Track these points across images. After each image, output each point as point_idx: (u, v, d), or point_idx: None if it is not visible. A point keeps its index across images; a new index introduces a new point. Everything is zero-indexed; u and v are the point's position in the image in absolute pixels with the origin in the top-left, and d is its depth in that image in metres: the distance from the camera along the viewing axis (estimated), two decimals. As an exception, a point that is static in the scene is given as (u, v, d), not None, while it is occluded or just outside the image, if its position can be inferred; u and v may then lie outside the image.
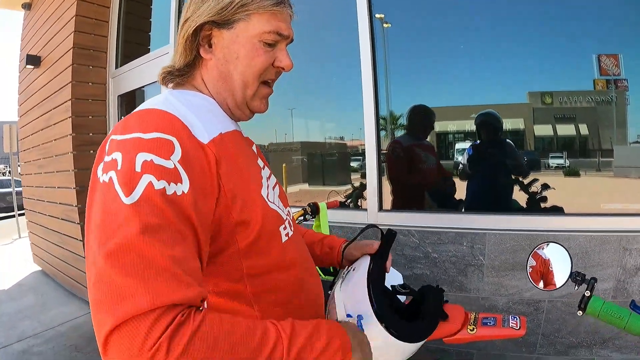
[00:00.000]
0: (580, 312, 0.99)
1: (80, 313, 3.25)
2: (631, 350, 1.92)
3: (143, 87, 3.17)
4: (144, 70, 3.08)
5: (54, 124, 3.43)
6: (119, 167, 0.58)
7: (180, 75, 0.78)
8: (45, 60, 3.66)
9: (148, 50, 3.25)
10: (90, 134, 3.29)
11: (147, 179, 0.57)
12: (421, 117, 2.39)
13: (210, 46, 0.76)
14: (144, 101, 0.73)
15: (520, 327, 1.27)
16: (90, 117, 3.31)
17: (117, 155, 0.59)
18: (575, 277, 1.01)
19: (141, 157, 0.59)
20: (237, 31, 0.73)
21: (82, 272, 3.34)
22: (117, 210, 0.55)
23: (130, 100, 3.37)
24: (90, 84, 3.32)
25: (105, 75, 3.40)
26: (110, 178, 0.57)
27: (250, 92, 0.78)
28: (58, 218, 3.56)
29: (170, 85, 0.79)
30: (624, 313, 0.95)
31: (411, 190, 2.44)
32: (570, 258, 1.02)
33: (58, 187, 3.45)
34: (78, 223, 3.23)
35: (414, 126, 2.41)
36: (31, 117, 3.97)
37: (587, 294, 0.98)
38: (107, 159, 0.59)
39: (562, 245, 1.04)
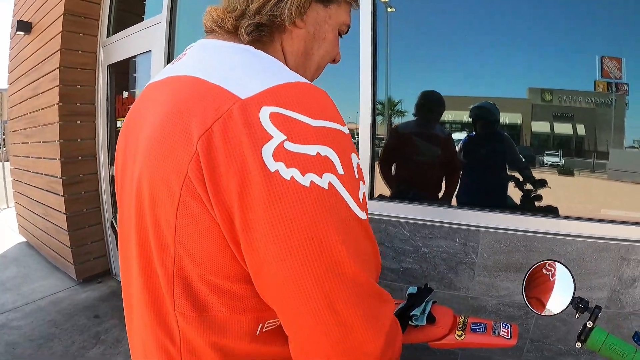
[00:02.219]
0: (579, 344, 0.89)
1: (61, 287, 3.21)
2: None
3: (135, 56, 3.05)
4: (136, 39, 2.96)
5: (41, 93, 3.33)
6: (340, 171, 0.47)
7: (259, 31, 0.62)
8: (35, 27, 3.53)
9: (141, 19, 3.11)
10: (78, 104, 3.18)
11: (362, 189, 0.51)
12: (423, 104, 2.30)
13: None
14: (135, 71, 0.70)
15: (511, 336, 1.20)
16: (79, 86, 3.19)
17: (327, 152, 0.47)
18: (578, 303, 0.91)
19: (355, 160, 0.51)
20: (330, 12, 0.68)
21: (64, 245, 3.28)
22: (357, 227, 0.49)
23: (120, 69, 3.24)
24: (80, 52, 3.20)
25: (96, 44, 3.27)
26: (331, 185, 0.46)
27: (317, 76, 0.73)
28: (43, 189, 3.48)
29: (245, 38, 0.61)
30: (628, 350, 0.85)
31: (401, 180, 2.38)
32: (574, 281, 0.93)
33: (44, 158, 3.36)
34: (62, 195, 3.15)
35: (418, 113, 2.32)
36: (19, 85, 3.86)
37: (590, 324, 0.88)
38: (300, 149, 0.45)
39: (566, 266, 0.95)
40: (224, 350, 0.56)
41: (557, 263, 0.96)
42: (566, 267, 0.93)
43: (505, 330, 1.24)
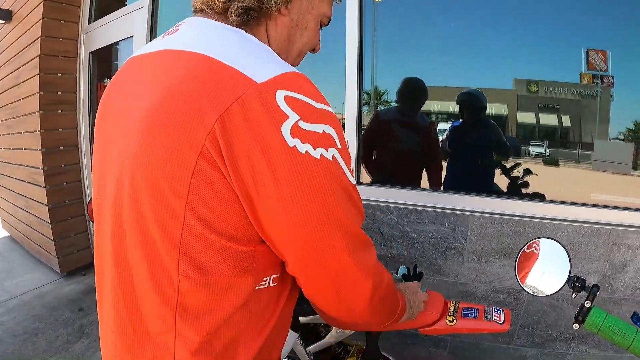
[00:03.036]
0: (577, 325, 0.85)
1: (45, 281, 3.16)
2: (610, 348, 1.89)
3: (117, 43, 2.98)
4: (118, 25, 2.89)
5: (22, 82, 3.24)
6: (339, 146, 0.57)
7: (247, 14, 0.67)
8: (16, 14, 3.43)
9: (123, 4, 3.04)
10: (59, 93, 3.10)
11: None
12: (407, 92, 2.30)
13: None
14: (117, 58, 0.71)
15: (504, 321, 1.18)
16: (60, 74, 3.11)
17: (330, 130, 0.56)
18: (574, 282, 0.87)
19: (343, 137, 0.60)
20: (313, 3, 0.73)
21: (47, 237, 3.21)
22: (352, 191, 0.60)
23: (102, 57, 3.17)
24: (61, 39, 3.11)
25: (77, 31, 3.19)
26: (335, 157, 0.56)
27: (297, 63, 0.78)
28: (24, 181, 3.41)
29: (234, 20, 0.66)
30: (629, 331, 0.81)
31: (385, 166, 2.38)
32: (570, 259, 0.90)
33: (25, 149, 3.28)
34: (43, 187, 3.07)
35: (400, 100, 2.32)
36: (1, 75, 3.75)
37: (588, 304, 0.84)
38: (311, 127, 0.54)
39: (559, 243, 0.91)
40: (218, 310, 0.62)
41: (551, 240, 0.92)
42: (561, 244, 0.90)
43: (498, 315, 1.21)
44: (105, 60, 3.18)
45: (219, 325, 0.62)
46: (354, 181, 0.61)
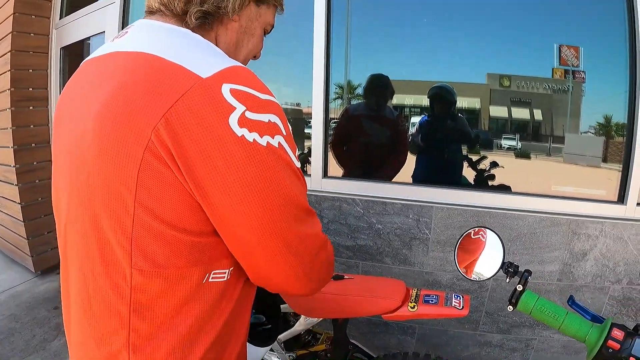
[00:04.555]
0: (511, 307, 0.91)
1: (20, 281, 3.10)
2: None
3: (88, 38, 2.94)
4: (90, 20, 2.85)
5: (-7, 78, 3.15)
6: (284, 133, 0.62)
7: (205, 19, 0.70)
8: (-13, 10, 3.32)
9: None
10: (30, 89, 3.04)
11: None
12: (373, 87, 2.33)
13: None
14: (89, 54, 0.73)
15: (463, 306, 1.24)
16: (31, 70, 3.04)
17: (275, 119, 0.60)
18: (507, 268, 0.93)
19: (288, 125, 0.64)
20: (261, 11, 0.77)
21: (21, 236, 3.15)
22: (298, 174, 0.65)
23: (74, 52, 3.12)
24: (32, 34, 3.04)
25: (49, 26, 3.13)
26: (280, 144, 0.60)
27: None
28: (-4, 180, 3.32)
29: (193, 23, 0.69)
30: (559, 312, 0.88)
31: (354, 160, 2.41)
32: (503, 247, 0.96)
33: (-4, 147, 3.20)
34: (16, 184, 3.01)
35: (366, 96, 2.35)
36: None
37: (520, 288, 0.90)
38: (257, 117, 0.58)
39: (495, 232, 0.98)
40: (171, 302, 0.63)
41: (487, 229, 0.98)
42: (495, 233, 0.96)
43: (457, 301, 1.27)
44: (77, 56, 3.11)
45: (171, 318, 0.64)
46: (298, 164, 0.66)
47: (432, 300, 1.28)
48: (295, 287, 0.72)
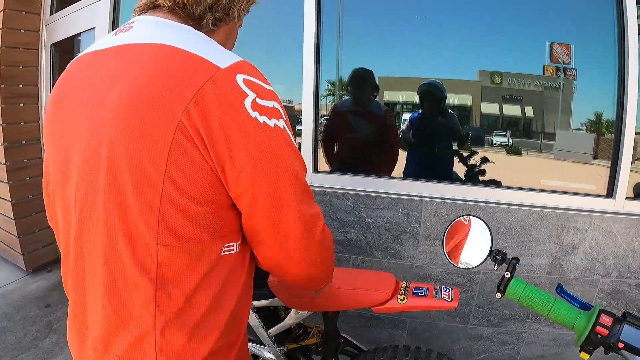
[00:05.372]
0: (499, 294, 0.92)
1: (11, 279, 3.08)
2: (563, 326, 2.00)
3: (79, 34, 2.91)
4: (80, 16, 2.82)
5: (-17, 75, 3.12)
6: (284, 118, 0.71)
7: (215, 24, 0.80)
8: (-24, 6, 3.29)
9: (86, -5, 2.97)
10: (21, 86, 3.01)
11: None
12: (355, 82, 2.33)
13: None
14: (79, 50, 0.75)
15: (452, 299, 1.25)
16: (21, 67, 3.01)
17: (277, 106, 0.69)
18: (495, 256, 0.94)
19: (285, 112, 0.73)
20: (241, 14, 0.85)
21: (12, 234, 3.13)
22: (298, 154, 0.73)
23: (64, 48, 3.09)
24: (22, 31, 3.01)
25: (39, 22, 3.09)
26: (284, 126, 0.70)
27: None
28: (-14, 177, 3.29)
29: (209, 27, 0.78)
30: (547, 299, 0.89)
31: (341, 155, 2.42)
32: (491, 235, 0.96)
33: (-14, 144, 3.17)
34: (6, 182, 2.99)
35: (351, 91, 2.36)
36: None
37: (507, 275, 0.91)
38: (265, 103, 0.67)
39: (483, 220, 0.99)
40: (194, 277, 0.69)
41: (474, 217, 0.99)
42: (483, 221, 0.97)
43: (447, 294, 1.28)
44: (67, 52, 3.09)
45: (194, 292, 0.69)
46: (296, 144, 0.74)
47: (422, 293, 1.28)
48: (298, 266, 0.80)
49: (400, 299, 1.26)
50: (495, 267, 0.94)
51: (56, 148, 0.75)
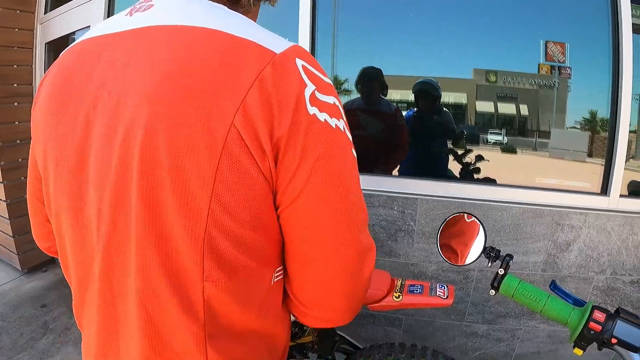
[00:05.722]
0: (493, 291, 0.93)
1: (6, 279, 3.07)
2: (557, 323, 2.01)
3: (74, 33, 2.89)
4: (75, 15, 2.81)
5: (-23, 74, 3.10)
6: (344, 118, 0.58)
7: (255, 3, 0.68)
8: (-30, 5, 3.27)
9: (80, -6, 2.96)
10: (15, 85, 2.99)
11: None
12: (363, 81, 2.32)
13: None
14: None
15: (447, 296, 1.25)
16: (15, 66, 3.00)
17: (337, 102, 0.57)
18: (489, 253, 0.94)
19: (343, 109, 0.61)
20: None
21: (7, 234, 3.11)
22: (355, 159, 0.59)
23: (59, 47, 3.05)
24: (16, 30, 3.00)
25: (34, 21, 3.08)
26: (344, 128, 0.57)
27: None
28: (-20, 177, 3.27)
29: (250, 7, 0.66)
30: (541, 295, 0.89)
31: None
32: (485, 232, 0.97)
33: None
34: (1, 182, 2.97)
35: (360, 90, 2.34)
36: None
37: (501, 272, 0.92)
38: (324, 98, 0.54)
39: (477, 218, 0.99)
40: (246, 310, 0.59)
41: (468, 215, 0.99)
42: (477, 218, 0.97)
43: (442, 291, 1.29)
44: (62, 51, 3.06)
45: (247, 327, 0.60)
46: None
47: (417, 290, 1.29)
48: (337, 300, 0.65)
49: (396, 297, 1.27)
50: (489, 264, 0.95)
51: (59, 151, 0.60)
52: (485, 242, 0.96)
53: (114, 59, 0.57)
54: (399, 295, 1.27)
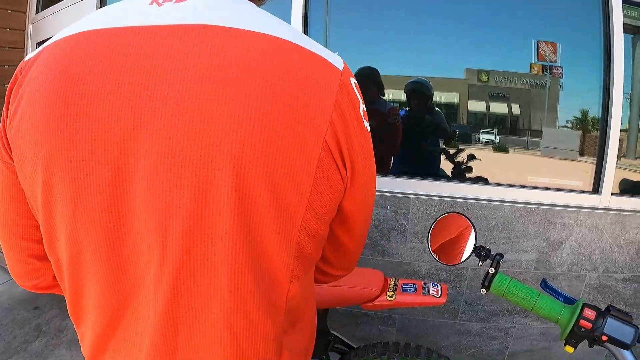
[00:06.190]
0: (484, 290, 0.93)
1: (-2, 282, 3.05)
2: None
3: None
4: (66, 14, 2.79)
5: (-32, 75, 3.08)
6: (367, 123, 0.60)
7: None
8: (-39, 4, 3.24)
9: (72, -7, 2.94)
10: (6, 85, 2.93)
11: None
12: (359, 81, 2.32)
13: None
14: None
15: (441, 295, 1.26)
16: (7, 66, 2.98)
17: (365, 108, 0.59)
18: (479, 252, 0.95)
19: None
20: None
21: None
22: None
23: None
24: (7, 29, 2.99)
25: (25, 21, 3.07)
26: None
27: None
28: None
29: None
30: (531, 294, 0.90)
31: None
32: (475, 231, 0.98)
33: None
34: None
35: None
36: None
37: (492, 271, 0.92)
38: (365, 109, 0.58)
39: (466, 217, 1.00)
40: (309, 298, 0.66)
41: (458, 215, 1.00)
42: (467, 218, 0.98)
43: (435, 290, 1.30)
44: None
45: (309, 315, 0.68)
46: None
47: (410, 289, 1.30)
48: (355, 263, 0.78)
49: (389, 296, 1.28)
50: (480, 263, 0.95)
51: (78, 172, 0.50)
52: (475, 242, 0.96)
53: (163, 63, 0.48)
54: (392, 295, 1.28)
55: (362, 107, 0.57)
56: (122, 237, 0.52)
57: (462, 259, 0.98)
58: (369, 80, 2.29)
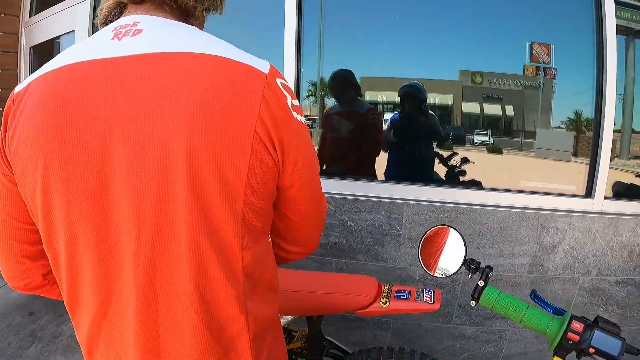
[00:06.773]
0: (474, 302, 0.94)
1: (-7, 286, 3.03)
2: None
3: (58, 37, 2.87)
4: (60, 18, 2.78)
5: (-39, 79, 3.06)
6: (302, 111, 0.75)
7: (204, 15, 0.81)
8: (-46, 8, 3.22)
9: (66, -3, 2.92)
10: (0, 89, 2.96)
11: None
12: (334, 83, 2.34)
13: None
14: (59, 53, 0.68)
15: (434, 301, 1.26)
16: (0, 70, 2.96)
17: (298, 103, 0.73)
18: (469, 264, 0.96)
19: None
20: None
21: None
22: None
23: (43, 51, 3.03)
24: (1, 33, 2.96)
25: (18, 24, 3.04)
26: (304, 119, 0.75)
27: None
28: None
29: (202, 20, 0.80)
30: (520, 306, 0.91)
31: (325, 157, 2.43)
32: (465, 244, 0.98)
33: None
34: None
35: (332, 94, 2.37)
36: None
37: (481, 283, 0.93)
38: (295, 103, 0.72)
39: (456, 230, 1.00)
40: (267, 269, 0.76)
41: (448, 227, 1.00)
42: (457, 231, 0.98)
43: (429, 296, 1.30)
44: (46, 55, 3.01)
45: (268, 284, 0.77)
46: None
47: (404, 296, 1.30)
48: (314, 241, 0.89)
49: (383, 303, 1.28)
50: (470, 275, 0.96)
51: (70, 178, 0.63)
52: (465, 254, 0.97)
53: (126, 86, 0.63)
54: (386, 302, 1.28)
55: (290, 101, 0.69)
56: (107, 227, 0.65)
57: (453, 271, 0.98)
58: (345, 83, 2.30)
